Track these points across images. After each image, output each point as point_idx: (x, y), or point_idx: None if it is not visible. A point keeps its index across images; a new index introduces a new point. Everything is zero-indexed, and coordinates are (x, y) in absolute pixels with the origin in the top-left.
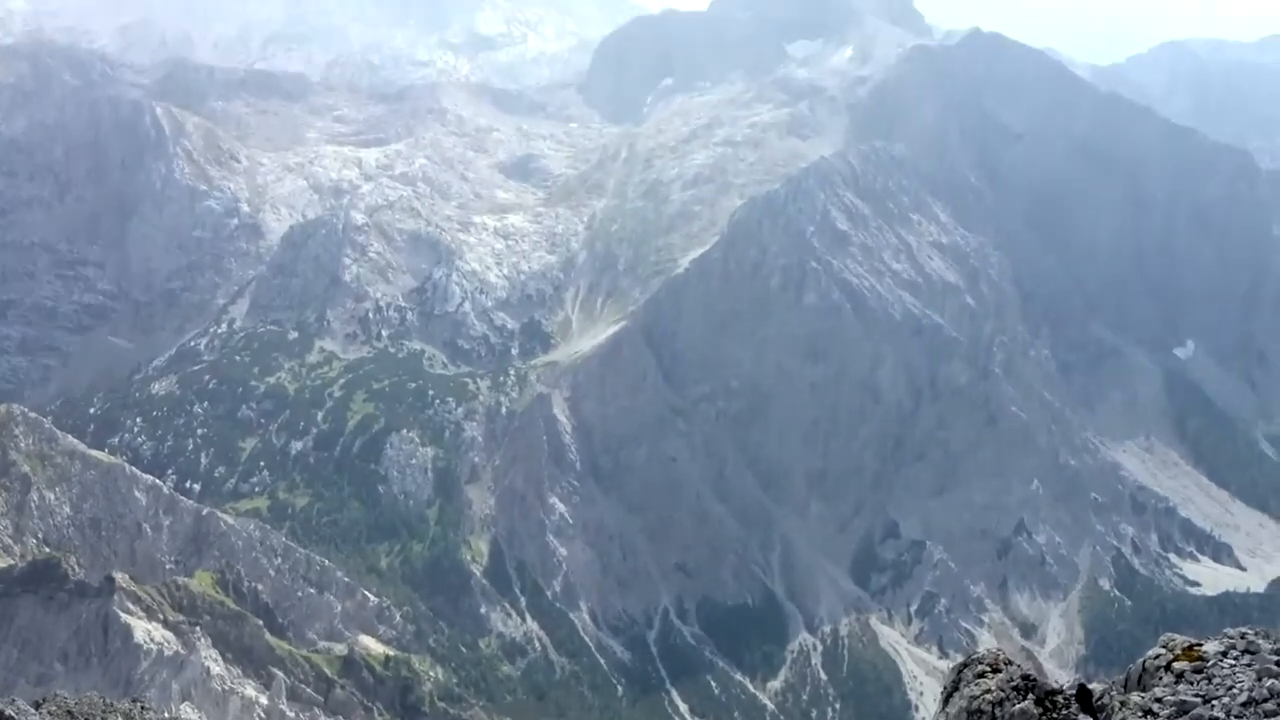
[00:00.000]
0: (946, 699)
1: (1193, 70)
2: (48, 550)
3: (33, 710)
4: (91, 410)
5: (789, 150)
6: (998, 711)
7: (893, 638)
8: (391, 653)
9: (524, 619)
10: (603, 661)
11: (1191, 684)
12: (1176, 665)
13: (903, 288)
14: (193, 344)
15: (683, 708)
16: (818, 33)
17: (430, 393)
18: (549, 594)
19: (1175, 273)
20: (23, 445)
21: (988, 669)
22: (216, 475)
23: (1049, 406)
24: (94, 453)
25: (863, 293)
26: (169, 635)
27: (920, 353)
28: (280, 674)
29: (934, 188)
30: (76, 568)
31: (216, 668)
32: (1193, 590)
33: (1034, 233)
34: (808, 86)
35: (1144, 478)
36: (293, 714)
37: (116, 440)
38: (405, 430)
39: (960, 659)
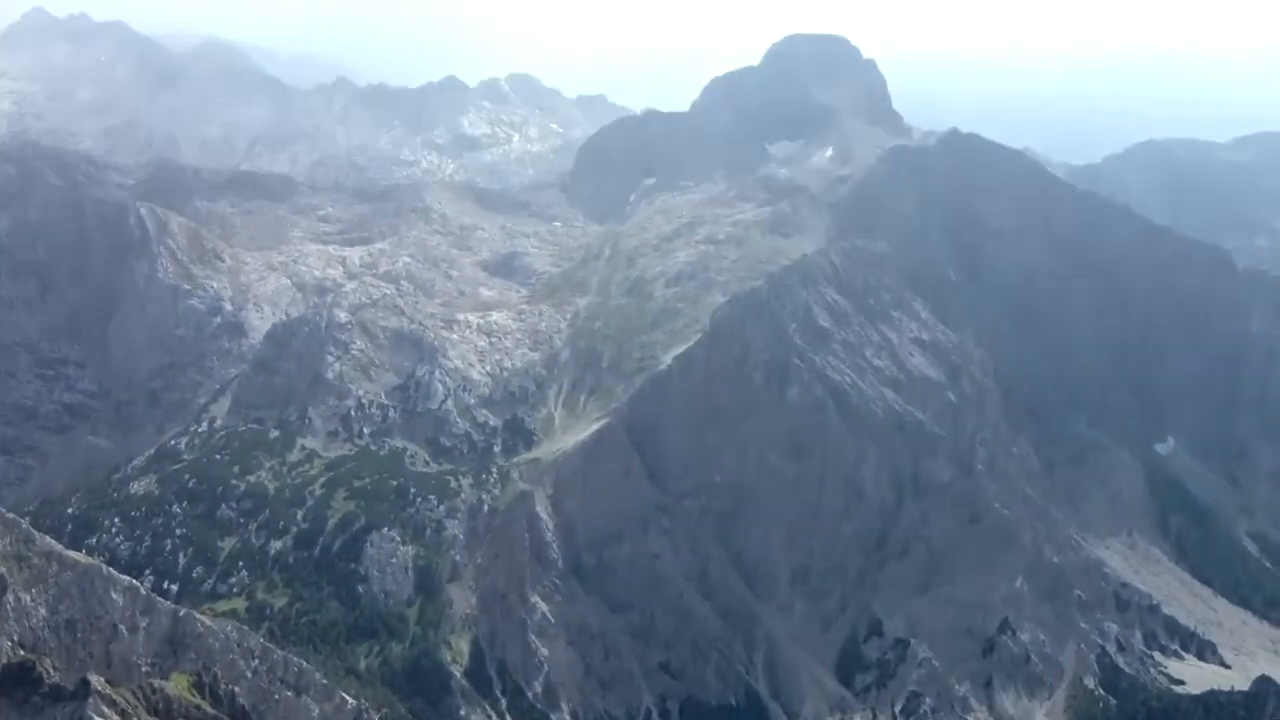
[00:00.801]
0: None
1: (1169, 169)
2: (23, 653)
3: None
4: (70, 510)
5: (771, 248)
6: None
7: None
8: None
9: None
10: None
11: None
12: None
13: (885, 384)
14: (173, 443)
15: None
16: (798, 133)
17: (412, 490)
18: (530, 695)
19: (1155, 369)
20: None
21: None
22: (195, 575)
23: (1032, 503)
24: (71, 553)
25: (845, 389)
26: None
27: (903, 449)
28: None
29: (915, 284)
30: (52, 671)
31: None
32: (1177, 688)
33: (1015, 329)
34: (789, 185)
35: (1127, 575)
36: None
37: (94, 540)
38: (386, 529)
39: None
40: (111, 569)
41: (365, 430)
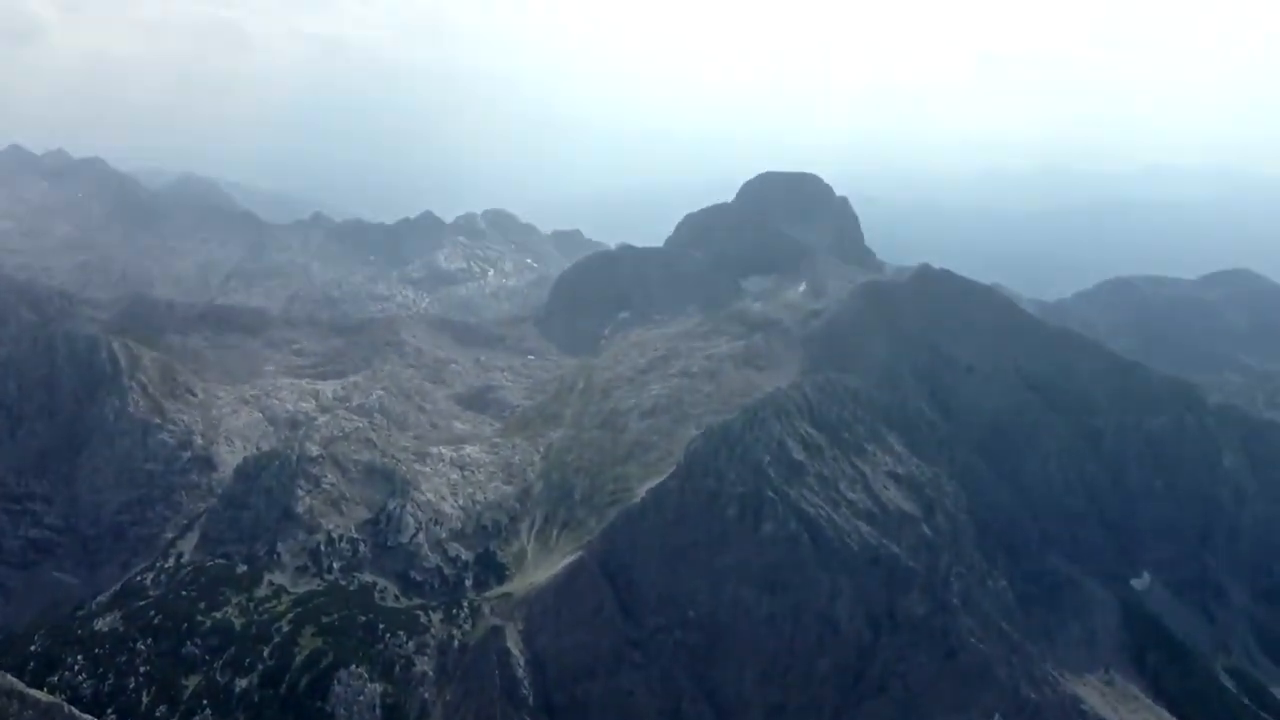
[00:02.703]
0: None
1: (1137, 306)
2: None
3: None
4: (32, 647)
5: (745, 381)
6: None
7: None
8: None
9: None
10: None
11: None
12: None
13: (859, 518)
14: (139, 579)
15: None
16: (771, 268)
17: (381, 626)
18: None
19: (1128, 505)
20: None
21: None
22: (158, 714)
23: (1007, 638)
24: (33, 692)
25: (820, 523)
26: None
27: (878, 584)
28: None
29: (888, 418)
30: None
31: None
32: None
33: (988, 464)
34: (762, 320)
35: (1105, 711)
36: None
37: (56, 678)
38: (354, 666)
39: None
40: (74, 708)
41: (335, 565)
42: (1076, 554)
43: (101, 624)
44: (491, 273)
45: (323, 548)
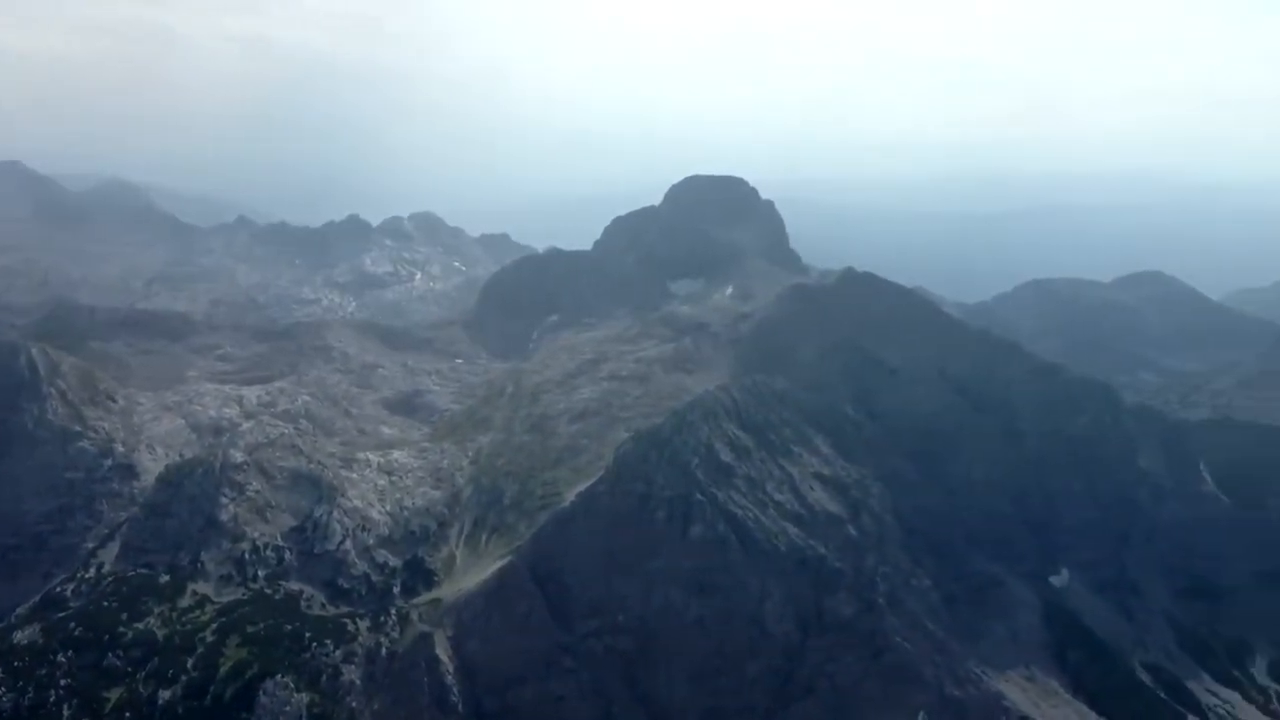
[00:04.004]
0: None
1: (1055, 308)
2: None
3: None
4: None
5: (674, 384)
6: None
7: None
8: None
9: None
10: None
11: None
12: None
13: (787, 519)
14: (60, 590)
15: None
16: (700, 272)
17: (307, 635)
18: None
19: (1050, 505)
20: None
21: None
22: None
23: (933, 637)
24: None
25: (748, 525)
26: None
27: (806, 585)
28: None
29: (815, 420)
30: None
31: None
32: None
33: (914, 466)
34: (691, 323)
35: (1027, 707)
36: None
37: None
38: (280, 675)
39: None
40: None
41: (260, 574)
42: (1000, 554)
43: (21, 636)
44: (419, 276)
45: (247, 556)
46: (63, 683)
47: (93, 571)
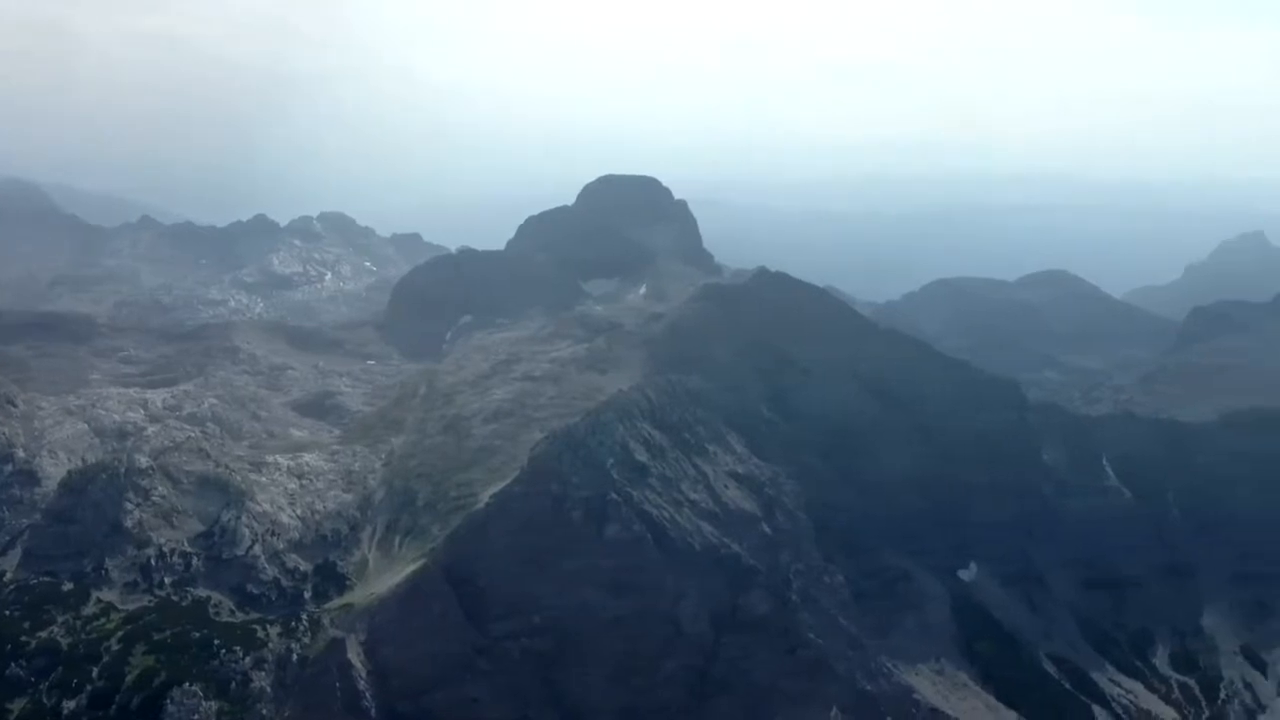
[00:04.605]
0: None
1: (962, 307)
2: None
3: None
4: None
5: (588, 384)
6: None
7: None
8: None
9: None
10: None
11: None
12: None
13: (702, 518)
14: None
15: None
16: (614, 272)
17: (216, 642)
18: None
19: (958, 500)
20: None
21: None
22: None
23: (846, 633)
24: None
25: (663, 524)
26: None
27: (721, 583)
28: None
29: (729, 419)
30: None
31: None
32: None
33: (826, 463)
34: (605, 323)
35: (936, 700)
36: None
37: None
38: (188, 684)
39: None
40: None
41: (166, 580)
42: (910, 549)
43: None
44: (329, 276)
45: (153, 562)
46: None
47: None
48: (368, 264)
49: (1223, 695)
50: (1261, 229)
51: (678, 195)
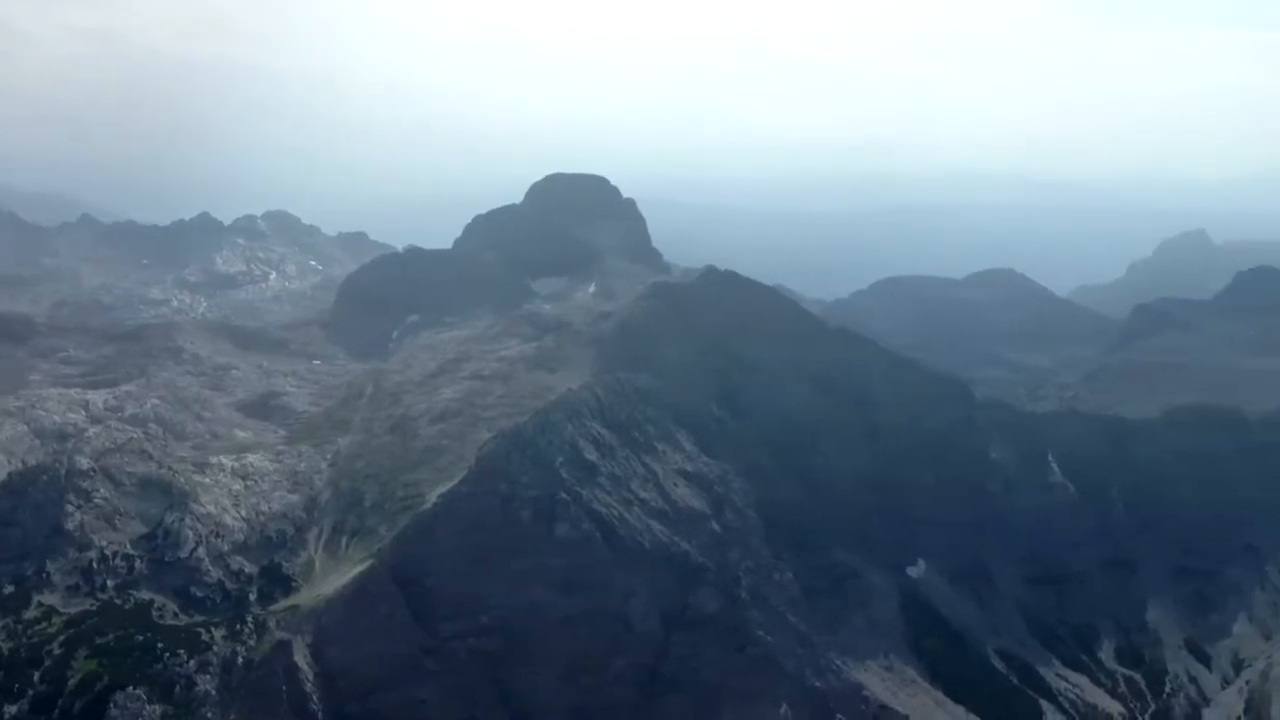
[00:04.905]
0: None
1: (910, 305)
2: None
3: None
4: None
5: (537, 383)
6: None
7: None
8: None
9: None
10: None
11: None
12: None
13: (651, 516)
14: None
15: None
16: (562, 270)
17: (159, 645)
18: None
19: (907, 498)
20: None
21: None
22: None
23: (795, 630)
24: None
25: (613, 523)
26: None
27: (671, 581)
28: None
29: (678, 417)
30: None
31: None
32: None
33: (775, 461)
34: (554, 321)
35: (885, 696)
36: None
37: None
38: (131, 688)
39: None
40: None
41: (109, 583)
42: (859, 546)
43: None
44: (274, 275)
45: (95, 565)
46: None
47: None
48: (313, 263)
49: (1168, 689)
50: (1203, 227)
51: (626, 194)
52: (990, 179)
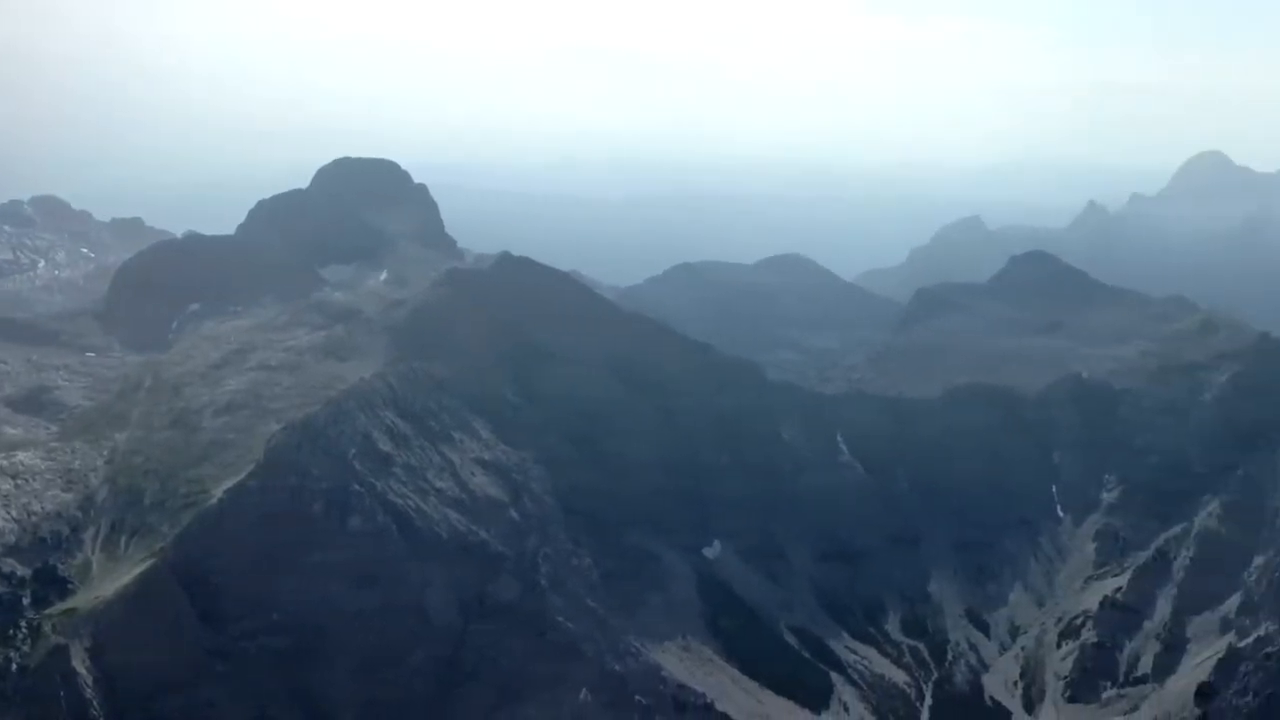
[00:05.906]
0: None
1: (703, 290)
2: None
3: None
4: None
5: (328, 373)
6: None
7: None
8: None
9: None
10: None
11: None
12: None
13: (448, 506)
14: None
15: None
16: (352, 257)
17: None
18: None
19: (702, 480)
20: None
21: None
22: None
23: (594, 614)
24: None
25: (408, 513)
26: None
27: (469, 570)
28: None
29: (475, 405)
30: None
31: None
32: None
33: (573, 447)
34: (344, 310)
35: (683, 676)
36: None
37: None
38: None
39: None
40: None
41: None
42: (656, 529)
43: None
44: (42, 264)
45: None
46: None
47: None
48: (85, 250)
49: (950, 657)
50: (978, 214)
51: (417, 179)
52: (784, 169)
